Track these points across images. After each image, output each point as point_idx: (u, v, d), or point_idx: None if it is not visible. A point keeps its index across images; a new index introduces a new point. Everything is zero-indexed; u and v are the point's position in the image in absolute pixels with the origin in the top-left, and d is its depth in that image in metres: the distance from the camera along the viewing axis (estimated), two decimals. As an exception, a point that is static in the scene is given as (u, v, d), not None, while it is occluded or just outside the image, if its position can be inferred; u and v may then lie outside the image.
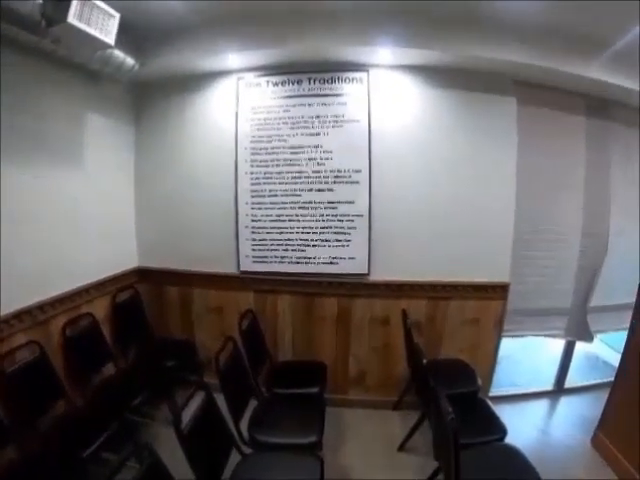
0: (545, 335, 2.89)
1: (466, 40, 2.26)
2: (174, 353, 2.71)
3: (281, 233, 2.71)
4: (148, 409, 2.53)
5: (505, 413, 2.81)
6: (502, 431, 2.03)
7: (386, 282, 2.62)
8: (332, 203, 2.64)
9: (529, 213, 2.69)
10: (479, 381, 2.39)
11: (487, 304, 2.63)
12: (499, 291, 2.62)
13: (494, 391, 2.89)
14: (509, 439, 2.01)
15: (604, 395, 2.59)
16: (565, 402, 3.00)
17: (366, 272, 2.62)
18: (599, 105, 2.85)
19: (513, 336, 2.80)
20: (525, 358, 3.44)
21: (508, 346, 2.98)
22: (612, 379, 2.53)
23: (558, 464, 2.43)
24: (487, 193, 2.60)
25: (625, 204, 2.88)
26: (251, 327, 2.58)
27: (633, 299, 2.38)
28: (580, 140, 2.82)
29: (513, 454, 1.85)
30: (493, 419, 2.13)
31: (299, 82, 2.65)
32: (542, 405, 2.96)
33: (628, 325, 2.42)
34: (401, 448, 2.45)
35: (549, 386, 3.05)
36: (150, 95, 2.87)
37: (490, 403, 2.29)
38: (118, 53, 2.28)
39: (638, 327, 2.52)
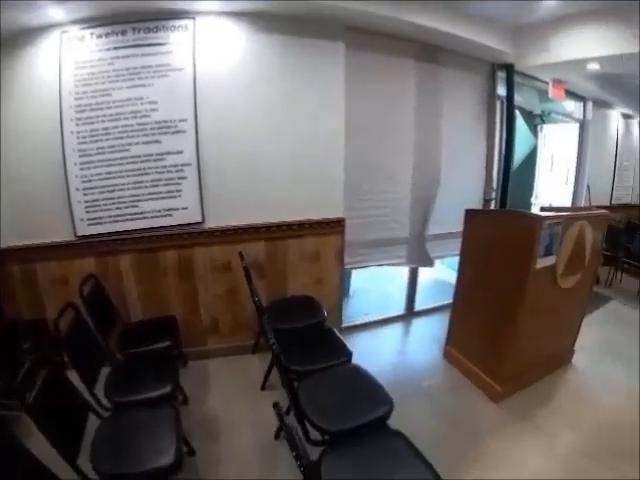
0: (388, 264, 3.05)
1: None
2: (27, 334, 2.54)
3: (112, 191, 2.60)
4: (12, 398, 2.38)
5: (363, 340, 3.00)
6: (347, 354, 2.13)
7: (222, 228, 2.62)
8: (160, 155, 2.56)
9: (361, 151, 2.79)
10: (324, 312, 2.49)
11: (325, 240, 2.72)
12: (335, 226, 2.72)
13: (349, 321, 3.02)
14: (369, 364, 2.08)
15: (450, 314, 2.84)
16: (417, 324, 3.24)
17: (200, 220, 2.61)
18: (429, 50, 3.00)
19: (357, 267, 2.94)
20: (378, 288, 3.63)
21: (361, 278, 3.12)
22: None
23: (416, 378, 2.69)
24: (316, 135, 2.66)
25: (455, 141, 3.08)
26: (95, 292, 2.47)
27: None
28: (410, 82, 2.98)
29: (357, 373, 1.96)
30: (339, 345, 2.23)
31: (123, 33, 2.51)
32: (397, 329, 3.17)
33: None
34: (263, 387, 2.53)
35: (401, 311, 3.23)
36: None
37: (336, 331, 2.37)
38: None
39: (466, 252, 2.75)
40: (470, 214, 2.72)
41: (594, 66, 3.38)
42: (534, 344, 2.65)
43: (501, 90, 3.48)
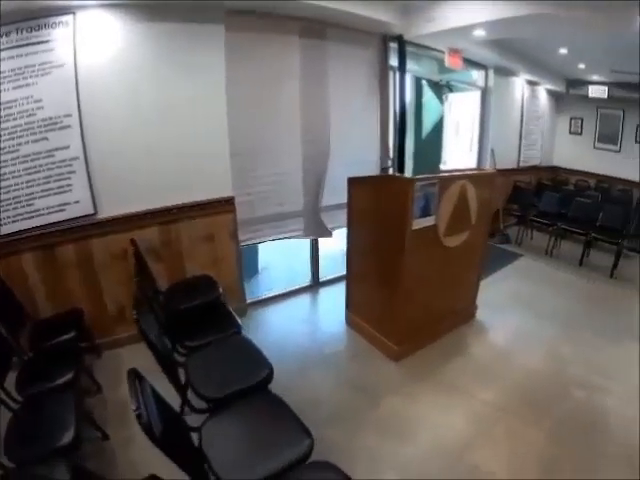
0: (286, 237, 3.19)
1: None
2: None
3: (8, 192, 2.68)
4: None
5: (270, 314, 3.13)
6: (237, 327, 2.27)
7: (115, 217, 2.72)
8: (49, 151, 2.65)
9: (248, 130, 2.91)
10: (220, 289, 2.60)
11: (216, 219, 2.85)
12: (225, 205, 2.85)
13: (256, 297, 3.15)
14: (275, 336, 2.19)
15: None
16: (323, 293, 3.38)
17: (93, 212, 2.71)
18: (315, 27, 3.10)
19: (253, 243, 3.07)
20: (287, 262, 3.76)
21: (270, 254, 3.23)
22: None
23: (321, 346, 2.82)
24: (200, 117, 2.77)
25: (347, 113, 3.19)
26: (-1, 292, 2.57)
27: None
28: (296, 59, 3.08)
29: (243, 343, 2.09)
30: (230, 319, 2.37)
31: (7, 34, 2.55)
32: (304, 300, 3.33)
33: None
34: (174, 369, 2.64)
35: (307, 282, 3.38)
36: None
37: (228, 306, 2.49)
38: None
39: (352, 219, 2.88)
40: (352, 182, 2.83)
41: (480, 32, 3.52)
42: (428, 302, 2.77)
43: (395, 61, 3.60)
